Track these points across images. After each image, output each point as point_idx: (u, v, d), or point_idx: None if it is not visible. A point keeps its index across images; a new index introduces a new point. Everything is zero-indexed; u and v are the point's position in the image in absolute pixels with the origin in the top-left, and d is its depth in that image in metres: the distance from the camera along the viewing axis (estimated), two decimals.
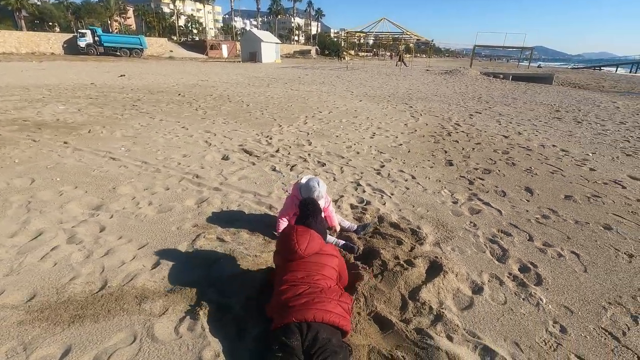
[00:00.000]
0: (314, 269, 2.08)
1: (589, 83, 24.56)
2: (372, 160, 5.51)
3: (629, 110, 12.58)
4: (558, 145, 7.11)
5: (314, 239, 2.18)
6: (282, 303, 1.97)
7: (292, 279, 2.06)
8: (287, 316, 1.88)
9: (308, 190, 2.93)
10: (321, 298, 1.93)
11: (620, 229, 3.67)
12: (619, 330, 2.26)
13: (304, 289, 1.99)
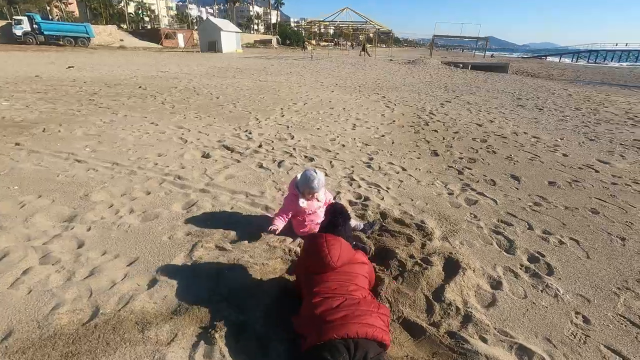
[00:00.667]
0: (347, 279, 1.91)
1: (539, 72, 26.05)
2: (359, 153, 5.39)
3: (580, 97, 13.45)
4: (529, 132, 7.39)
5: (345, 248, 2.01)
6: (316, 317, 1.78)
7: (324, 290, 1.88)
8: (326, 332, 1.69)
9: (306, 180, 2.74)
10: (361, 311, 1.77)
11: (607, 212, 3.83)
12: (635, 316, 2.31)
13: (340, 301, 1.82)
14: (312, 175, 2.75)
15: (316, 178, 2.74)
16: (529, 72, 25.68)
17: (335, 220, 2.17)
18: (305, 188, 2.80)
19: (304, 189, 2.81)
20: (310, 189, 2.78)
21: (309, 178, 2.74)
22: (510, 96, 12.67)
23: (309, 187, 2.77)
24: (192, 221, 3.15)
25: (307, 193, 2.83)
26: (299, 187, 2.83)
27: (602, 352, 2.02)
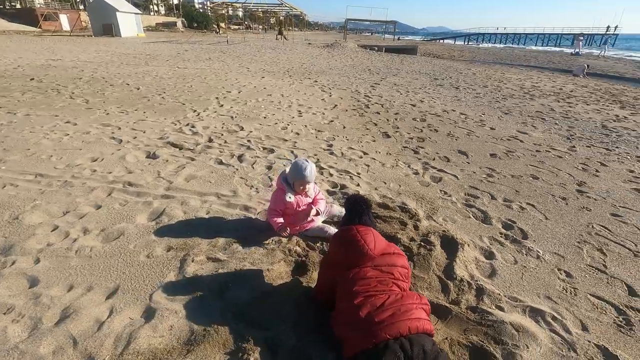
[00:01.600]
0: (386, 272, 1.85)
1: (442, 53, 28.64)
2: (317, 140, 5.30)
3: (482, 75, 15.16)
4: (456, 110, 8.09)
5: (379, 237, 1.93)
6: (363, 320, 1.69)
7: (364, 289, 1.79)
8: (377, 333, 1.62)
9: (297, 170, 2.57)
10: (407, 307, 1.72)
11: (543, 177, 4.39)
12: (599, 264, 2.71)
13: (384, 298, 1.75)
14: (303, 164, 2.57)
15: (308, 167, 2.57)
16: (434, 54, 28.06)
17: (359, 210, 2.06)
18: (296, 179, 2.61)
19: (294, 180, 2.62)
20: (302, 179, 2.59)
21: (300, 167, 2.56)
22: (428, 77, 13.68)
23: (300, 177, 2.58)
24: (168, 233, 2.75)
25: (299, 185, 2.65)
26: (288, 179, 2.64)
27: (591, 300, 2.32)
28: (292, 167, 2.63)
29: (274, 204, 2.74)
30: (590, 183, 4.27)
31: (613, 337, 2.04)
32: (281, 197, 2.65)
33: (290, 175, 2.63)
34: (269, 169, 4.11)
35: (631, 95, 11.71)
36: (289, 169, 2.69)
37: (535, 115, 8.02)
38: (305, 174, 2.56)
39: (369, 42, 31.93)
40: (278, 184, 2.73)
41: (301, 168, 2.56)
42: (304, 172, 2.56)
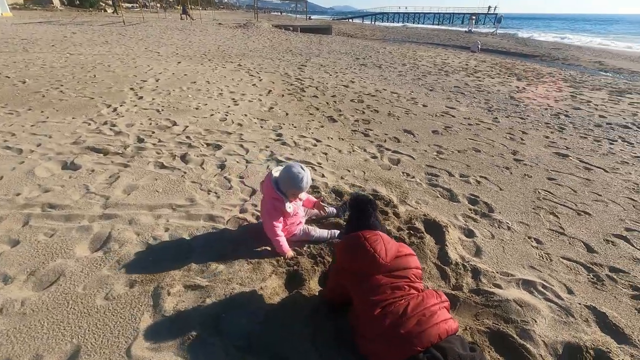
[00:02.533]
0: (400, 277, 1.72)
1: (356, 32, 29.33)
2: (264, 131, 4.93)
3: (398, 53, 15.91)
4: (387, 89, 8.32)
5: (389, 242, 1.78)
6: (387, 332, 1.56)
7: (381, 298, 1.64)
8: (406, 347, 1.50)
9: (293, 180, 2.27)
10: (431, 310, 1.63)
11: (483, 149, 4.74)
12: (557, 227, 2.99)
13: (403, 304, 1.63)
14: (299, 173, 2.27)
15: (305, 176, 2.28)
16: (348, 33, 28.59)
17: (366, 212, 1.88)
18: (291, 188, 2.30)
19: (288, 190, 2.32)
20: (298, 189, 2.31)
21: (296, 177, 2.26)
22: (349, 57, 13.84)
23: (297, 188, 2.28)
24: (125, 264, 2.25)
25: (292, 195, 2.36)
26: (281, 188, 2.32)
27: (564, 263, 2.54)
28: (285, 175, 2.30)
29: (273, 217, 2.36)
30: (521, 151, 4.73)
31: (593, 295, 2.25)
32: (280, 208, 2.33)
33: (284, 184, 2.31)
34: (222, 168, 3.67)
35: (521, 68, 13.41)
36: (278, 174, 2.37)
37: (455, 91, 8.65)
38: (302, 185, 2.27)
39: (282, 22, 31.10)
40: (271, 193, 2.36)
41: (298, 179, 2.25)
42: (301, 184, 2.26)
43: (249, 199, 3.11)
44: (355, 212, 1.92)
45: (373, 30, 32.06)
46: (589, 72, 14.31)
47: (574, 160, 4.55)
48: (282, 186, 2.31)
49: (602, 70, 15.21)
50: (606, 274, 2.43)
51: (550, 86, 10.02)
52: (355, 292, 1.73)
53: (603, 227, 3.03)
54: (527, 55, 19.39)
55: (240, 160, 3.88)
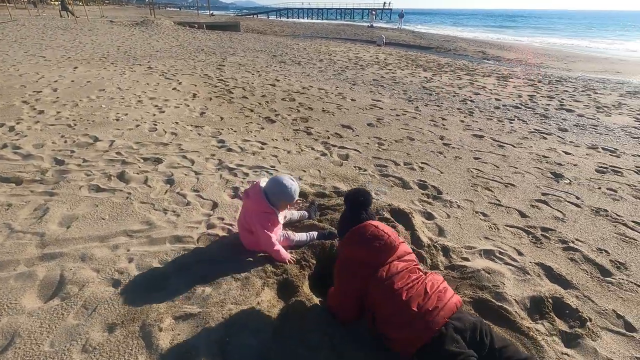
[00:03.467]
0: (408, 260, 1.83)
1: (265, 29, 29.03)
2: (203, 138, 4.65)
3: (312, 49, 16.25)
4: (313, 86, 8.48)
5: (389, 227, 1.88)
6: (416, 313, 1.64)
7: (403, 283, 1.72)
8: (433, 324, 1.63)
9: (282, 192, 2.24)
10: (443, 286, 1.79)
11: (416, 137, 5.18)
12: (495, 199, 3.46)
13: (422, 286, 1.75)
14: (290, 185, 2.25)
15: (295, 186, 2.27)
16: (258, 30, 28.14)
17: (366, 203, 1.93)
18: (282, 200, 2.26)
19: (281, 201, 2.27)
20: (290, 200, 2.29)
21: (288, 189, 2.23)
22: (267, 54, 13.70)
23: (289, 199, 2.27)
24: (94, 308, 1.96)
25: (283, 206, 2.34)
26: (271, 200, 2.26)
27: (508, 230, 2.97)
28: (277, 188, 2.24)
29: (268, 230, 2.28)
30: (447, 136, 5.30)
31: (536, 253, 2.68)
32: (274, 220, 2.28)
33: (275, 196, 2.25)
34: (171, 183, 3.39)
35: (424, 60, 14.84)
36: (267, 185, 2.29)
37: (375, 84, 9.22)
38: (294, 195, 2.26)
39: (185, 19, 29.16)
40: (263, 207, 2.26)
41: (290, 190, 2.24)
42: (294, 195, 2.25)
43: (212, 212, 2.94)
44: (354, 205, 1.95)
45: (282, 27, 32.08)
46: (476, 61, 16.48)
47: (488, 139, 5.26)
48: (273, 198, 2.27)
49: (486, 58, 17.65)
50: (540, 234, 2.91)
51: (451, 75, 11.30)
52: (377, 285, 1.74)
53: (526, 194, 3.60)
54: (424, 47, 21.49)
55: (188, 173, 3.62)
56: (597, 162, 4.59)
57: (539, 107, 7.55)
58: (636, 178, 4.14)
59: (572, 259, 2.62)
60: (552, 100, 8.24)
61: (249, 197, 2.33)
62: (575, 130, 6.03)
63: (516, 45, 25.10)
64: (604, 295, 2.28)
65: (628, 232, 3.00)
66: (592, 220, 3.18)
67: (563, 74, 13.05)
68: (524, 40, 29.33)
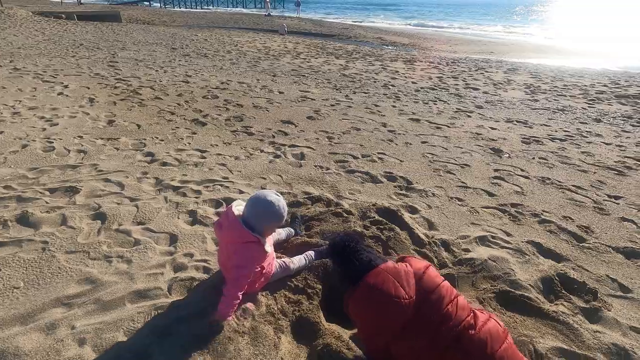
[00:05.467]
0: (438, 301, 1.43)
1: (152, 19, 26.01)
2: (124, 153, 3.78)
3: (215, 40, 15.07)
4: (232, 79, 7.78)
5: (397, 272, 1.48)
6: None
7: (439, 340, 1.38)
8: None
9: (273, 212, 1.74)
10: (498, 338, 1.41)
11: (361, 127, 5.07)
12: (460, 182, 3.52)
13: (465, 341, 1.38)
14: (272, 199, 1.75)
15: (279, 202, 1.79)
16: (144, 20, 25.03)
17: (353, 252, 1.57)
18: (270, 223, 1.78)
19: (267, 225, 1.79)
20: (279, 221, 1.81)
21: (274, 206, 1.74)
22: (165, 47, 12.21)
23: (278, 219, 1.79)
24: None
25: (270, 230, 1.86)
26: (254, 226, 1.77)
27: (486, 211, 3.02)
28: (258, 207, 1.74)
29: (251, 267, 1.76)
30: (388, 122, 5.32)
31: (521, 230, 2.77)
32: (260, 252, 1.78)
33: (259, 220, 1.75)
34: (102, 219, 2.61)
35: (332, 47, 14.99)
36: (243, 210, 1.79)
37: (295, 74, 8.91)
38: (284, 213, 1.79)
39: (46, 8, 24.30)
40: (244, 236, 1.74)
41: (277, 207, 1.75)
42: (283, 212, 1.78)
43: (174, 249, 2.34)
44: (343, 260, 1.60)
45: (171, 16, 29.11)
46: (378, 46, 17.35)
47: (425, 122, 5.44)
48: (257, 223, 1.79)
49: (385, 44, 18.70)
50: (514, 210, 3.04)
51: (363, 61, 11.61)
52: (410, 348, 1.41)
53: (482, 172, 3.77)
54: (327, 35, 21.80)
55: (121, 201, 2.86)
56: (518, 134, 5.10)
57: (450, 87, 8.19)
58: (554, 145, 4.71)
59: (550, 231, 2.78)
60: (458, 80, 9.04)
61: (222, 229, 1.83)
62: (488, 106, 6.67)
63: (406, 30, 27.23)
64: (591, 262, 2.45)
65: (575, 197, 3.33)
66: (544, 190, 3.46)
67: (453, 56, 14.55)
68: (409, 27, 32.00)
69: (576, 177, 3.78)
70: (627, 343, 1.80)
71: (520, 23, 38.02)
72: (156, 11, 34.66)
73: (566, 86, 8.75)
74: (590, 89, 8.57)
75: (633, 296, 2.15)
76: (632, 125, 5.84)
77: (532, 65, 12.47)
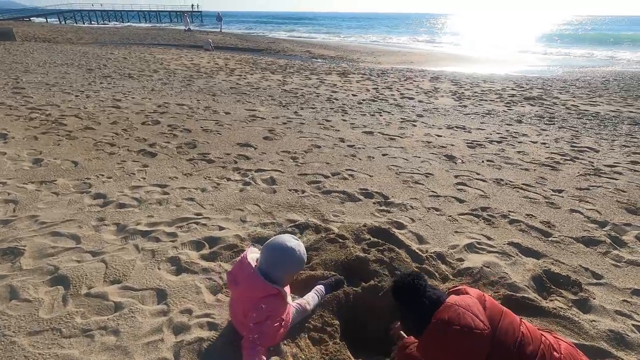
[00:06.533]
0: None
1: (54, 36, 23.30)
2: (66, 198, 3.25)
3: (136, 58, 14.02)
4: (169, 102, 7.27)
5: (465, 303, 1.41)
6: None
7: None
8: None
9: (295, 258, 1.64)
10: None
11: (322, 144, 5.08)
12: (431, 192, 3.70)
13: None
14: (292, 245, 1.64)
15: (300, 247, 1.68)
16: (43, 38, 22.23)
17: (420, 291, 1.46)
18: (292, 270, 1.68)
19: (288, 273, 1.66)
20: (300, 268, 1.71)
21: (294, 253, 1.62)
22: (78, 68, 11.00)
23: (299, 266, 1.71)
24: None
25: (289, 279, 1.74)
26: (273, 276, 1.62)
27: (463, 218, 3.20)
28: (277, 255, 1.60)
29: (272, 321, 1.62)
30: (344, 137, 5.40)
31: (498, 232, 2.98)
32: (283, 304, 1.66)
33: (278, 269, 1.61)
34: (64, 283, 2.19)
35: (264, 62, 14.91)
36: (260, 259, 1.64)
37: (235, 92, 8.65)
38: (305, 259, 1.70)
39: None
40: (264, 289, 1.60)
41: (298, 254, 1.65)
42: (304, 258, 1.70)
43: (167, 307, 2.05)
44: (411, 301, 1.48)
45: (77, 33, 26.31)
46: (308, 60, 17.70)
47: (378, 134, 5.65)
48: (276, 273, 1.66)
49: (314, 57, 19.15)
50: (486, 214, 3.27)
51: (300, 76, 11.73)
52: None
53: (446, 180, 4.01)
54: (254, 49, 21.66)
55: (82, 258, 2.44)
56: (462, 139, 5.57)
57: (389, 98, 8.67)
58: (494, 147, 5.22)
59: (522, 230, 3.04)
60: (393, 91, 9.60)
61: (238, 285, 1.67)
62: (427, 114, 7.18)
63: (331, 43, 28.27)
64: (564, 255, 2.73)
65: (528, 195, 3.72)
66: (502, 190, 3.79)
67: (380, 67, 15.46)
68: (335, 39, 33.31)
69: (522, 175, 4.22)
70: (619, 327, 2.02)
71: (429, 35, 41.98)
72: (56, 28, 31.14)
73: (484, 91, 9.84)
74: (503, 92, 9.74)
75: (605, 281, 2.44)
76: (545, 123, 6.75)
77: (449, 73, 13.81)
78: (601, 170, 4.43)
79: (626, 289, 2.37)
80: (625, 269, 2.59)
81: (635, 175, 4.30)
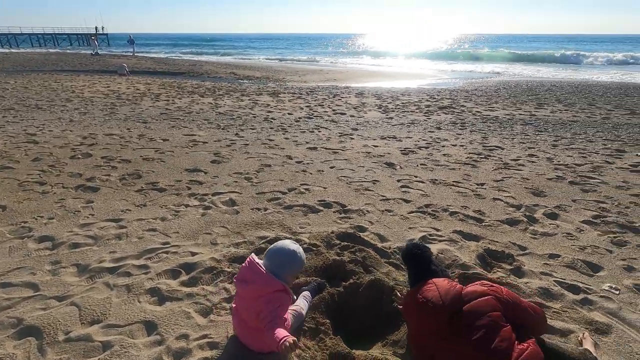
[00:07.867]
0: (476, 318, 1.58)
1: None
2: (6, 246, 2.93)
3: (39, 86, 12.70)
4: (97, 132, 6.82)
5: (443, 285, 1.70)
6: None
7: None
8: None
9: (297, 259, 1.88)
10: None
11: (271, 162, 5.25)
12: (381, 196, 4.10)
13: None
14: (293, 247, 1.87)
15: (299, 249, 1.90)
16: None
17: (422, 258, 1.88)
18: (297, 270, 1.90)
19: (291, 273, 1.86)
20: (301, 268, 1.93)
21: (295, 255, 1.84)
22: None
23: (299, 266, 1.93)
24: None
25: (292, 279, 1.95)
26: (279, 275, 1.78)
27: (413, 215, 3.64)
28: (281, 258, 1.80)
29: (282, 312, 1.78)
30: (291, 154, 5.64)
31: (443, 224, 3.46)
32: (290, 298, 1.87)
33: (284, 269, 1.80)
34: (36, 334, 2.03)
35: (190, 86, 14.55)
36: (267, 261, 1.80)
37: (168, 118, 8.38)
38: (305, 260, 1.91)
39: None
40: (274, 285, 1.76)
41: (299, 255, 1.92)
42: (304, 259, 1.93)
43: (161, 336, 2.04)
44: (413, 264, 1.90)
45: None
46: (234, 81, 17.67)
47: (322, 149, 6.01)
48: (281, 272, 1.84)
49: (239, 79, 19.16)
50: (430, 210, 3.75)
51: (231, 97, 11.73)
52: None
53: (391, 185, 4.47)
54: (175, 72, 20.92)
55: (47, 304, 2.26)
56: (395, 147, 6.20)
57: (323, 115, 9.17)
58: (423, 152, 5.92)
59: (461, 219, 3.57)
60: (325, 108, 10.17)
61: (248, 284, 1.81)
62: (361, 127, 7.79)
63: (255, 64, 28.52)
64: (496, 235, 3.28)
65: (459, 190, 4.34)
66: (438, 189, 4.37)
67: (307, 85, 16.14)
68: (258, 60, 33.67)
69: (451, 174, 4.89)
70: (544, 284, 2.55)
71: (345, 54, 44.73)
72: None
73: (404, 104, 10.95)
74: (420, 104, 10.95)
75: (529, 251, 3.02)
76: (459, 128, 7.81)
77: (371, 88, 15.01)
78: (509, 164, 5.33)
79: (544, 255, 2.97)
80: (541, 239, 3.22)
81: (534, 165, 5.27)
